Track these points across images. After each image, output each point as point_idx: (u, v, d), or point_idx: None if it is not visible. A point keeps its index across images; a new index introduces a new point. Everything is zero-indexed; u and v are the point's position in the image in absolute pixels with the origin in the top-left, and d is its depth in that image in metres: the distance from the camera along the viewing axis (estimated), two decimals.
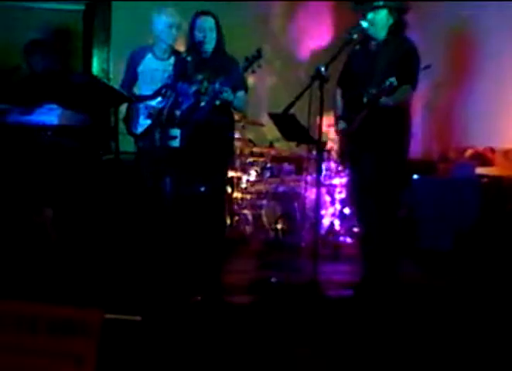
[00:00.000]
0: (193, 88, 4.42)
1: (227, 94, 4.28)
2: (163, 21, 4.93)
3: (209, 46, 4.42)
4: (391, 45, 4.29)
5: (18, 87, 5.28)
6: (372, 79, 4.18)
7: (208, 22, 4.40)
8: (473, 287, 4.44)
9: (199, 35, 4.38)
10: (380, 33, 4.30)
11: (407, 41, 4.33)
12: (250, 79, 5.63)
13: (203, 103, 4.37)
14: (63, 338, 2.27)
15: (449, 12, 5.95)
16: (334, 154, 6.09)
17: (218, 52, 4.45)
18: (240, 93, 4.44)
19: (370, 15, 4.24)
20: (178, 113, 4.48)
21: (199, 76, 4.42)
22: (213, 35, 4.41)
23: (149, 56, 5.02)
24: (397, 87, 4.01)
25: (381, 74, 4.10)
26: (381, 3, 4.23)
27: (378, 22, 4.26)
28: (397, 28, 4.31)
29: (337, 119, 4.58)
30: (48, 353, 2.26)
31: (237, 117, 5.85)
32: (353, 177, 4.70)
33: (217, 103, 4.34)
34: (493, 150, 5.53)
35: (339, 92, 4.59)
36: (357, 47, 4.48)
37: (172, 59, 4.89)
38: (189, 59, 4.48)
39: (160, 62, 4.98)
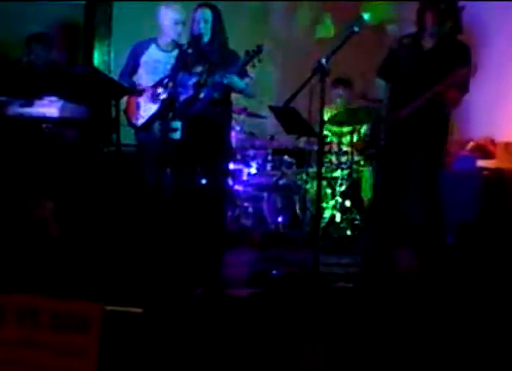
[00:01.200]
0: (193, 80, 4.42)
1: (232, 80, 4.23)
2: (170, 17, 4.92)
3: (206, 38, 4.41)
4: (448, 46, 4.30)
5: (19, 79, 5.27)
6: (423, 76, 4.19)
7: (204, 14, 4.40)
8: (474, 280, 4.44)
9: (196, 28, 4.38)
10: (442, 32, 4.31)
11: (464, 45, 4.34)
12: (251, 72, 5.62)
13: (202, 95, 4.38)
14: (65, 331, 2.28)
15: None
16: (335, 147, 6.09)
17: (214, 43, 4.43)
18: (247, 80, 4.42)
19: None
20: (177, 105, 4.49)
21: (199, 68, 4.42)
22: (209, 26, 4.39)
23: (153, 46, 5.02)
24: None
25: (434, 73, 4.14)
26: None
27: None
28: (457, 29, 4.33)
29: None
30: (50, 347, 2.27)
31: (238, 109, 5.87)
32: (390, 167, 4.64)
33: (216, 95, 4.35)
34: (494, 143, 5.52)
35: (381, 82, 4.59)
36: (405, 41, 4.47)
37: (175, 52, 4.89)
38: (189, 51, 4.48)
39: (163, 54, 4.98)
